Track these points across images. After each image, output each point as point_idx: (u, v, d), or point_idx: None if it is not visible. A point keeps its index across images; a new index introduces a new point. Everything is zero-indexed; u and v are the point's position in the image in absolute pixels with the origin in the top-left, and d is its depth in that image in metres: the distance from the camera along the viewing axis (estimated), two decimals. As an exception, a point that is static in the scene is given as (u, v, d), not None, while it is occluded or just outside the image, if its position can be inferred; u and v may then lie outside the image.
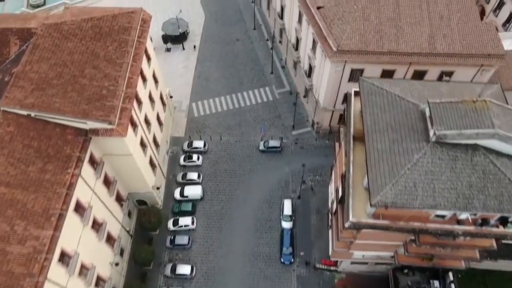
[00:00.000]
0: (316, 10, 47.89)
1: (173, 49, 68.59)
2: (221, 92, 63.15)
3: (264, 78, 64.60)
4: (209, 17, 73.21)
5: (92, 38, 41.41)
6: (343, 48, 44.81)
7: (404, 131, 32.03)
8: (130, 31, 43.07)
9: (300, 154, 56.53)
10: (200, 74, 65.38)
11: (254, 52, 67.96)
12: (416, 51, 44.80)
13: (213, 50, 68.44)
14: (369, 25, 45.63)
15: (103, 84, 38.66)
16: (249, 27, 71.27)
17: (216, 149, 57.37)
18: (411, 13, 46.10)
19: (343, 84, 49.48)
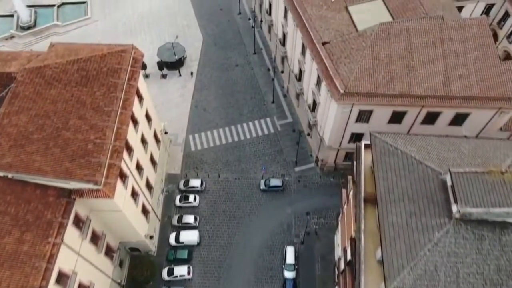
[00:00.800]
0: (322, 46, 44.52)
1: (169, 76, 65.13)
2: (220, 124, 59.72)
3: (265, 108, 61.19)
4: (207, 40, 69.74)
5: (78, 83, 37.98)
6: (351, 90, 41.42)
7: (423, 203, 28.64)
8: (120, 73, 39.63)
9: (303, 194, 53.16)
10: (198, 104, 61.97)
11: (255, 78, 64.52)
12: (430, 93, 41.42)
13: (211, 77, 65.00)
14: (379, 65, 42.25)
15: (89, 137, 35.23)
16: (249, 51, 67.81)
17: (214, 188, 53.97)
18: (424, 52, 42.72)
19: (350, 124, 46.14)
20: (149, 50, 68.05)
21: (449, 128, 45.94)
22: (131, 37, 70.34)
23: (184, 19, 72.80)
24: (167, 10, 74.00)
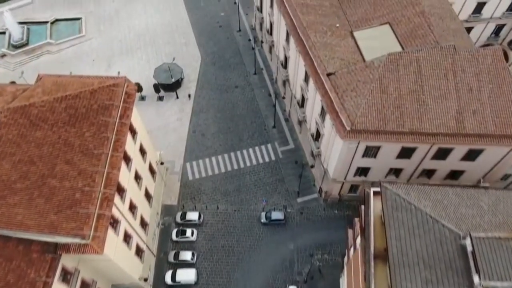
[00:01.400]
0: (326, 78, 41.98)
1: (166, 98, 62.54)
2: (218, 150, 57.17)
3: (266, 133, 58.62)
4: (206, 60, 67.15)
5: (65, 123, 35.41)
6: (358, 127, 38.84)
7: (441, 269, 26.09)
8: (111, 110, 37.04)
9: (306, 227, 50.58)
10: (195, 128, 59.39)
11: (255, 101, 61.94)
12: (442, 130, 38.84)
13: (210, 99, 62.43)
14: (387, 99, 39.69)
15: (77, 185, 32.67)
16: (249, 71, 65.21)
17: (213, 221, 51.41)
18: (435, 85, 40.16)
19: (356, 159, 43.62)
20: (145, 70, 65.78)
21: (462, 163, 43.53)
22: (127, 56, 67.90)
23: (182, 37, 70.21)
24: (165, 28, 71.44)
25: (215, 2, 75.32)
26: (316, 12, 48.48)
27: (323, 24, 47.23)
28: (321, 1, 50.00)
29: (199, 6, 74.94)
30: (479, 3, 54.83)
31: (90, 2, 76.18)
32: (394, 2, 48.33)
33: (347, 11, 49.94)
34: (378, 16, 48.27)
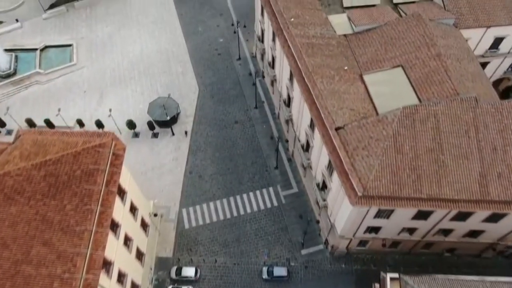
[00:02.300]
0: (335, 133, 38.21)
1: (161, 134, 58.69)
2: (217, 194, 53.39)
3: (268, 175, 54.83)
4: (204, 91, 63.32)
5: (44, 194, 31.69)
6: (370, 192, 35.08)
7: None
8: (97, 176, 33.33)
9: (311, 283, 46.86)
10: (192, 169, 55.62)
11: (256, 139, 58.13)
12: (464, 196, 34.99)
13: (208, 136, 58.61)
14: (403, 160, 35.89)
15: (55, 272, 28.96)
16: (249, 105, 61.38)
17: (210, 276, 47.63)
18: (455, 143, 36.37)
19: (367, 220, 39.92)
20: (139, 103, 62.03)
21: (483, 225, 39.81)
22: (120, 87, 64.09)
23: (179, 65, 66.38)
24: (160, 55, 67.61)
25: (213, 27, 71.45)
26: (322, 52, 44.69)
27: (330, 67, 43.43)
28: (328, 40, 46.25)
29: (197, 32, 71.09)
30: (497, 39, 50.97)
31: (82, 26, 72.35)
32: (407, 42, 44.56)
33: (356, 51, 46.18)
34: (389, 58, 44.47)
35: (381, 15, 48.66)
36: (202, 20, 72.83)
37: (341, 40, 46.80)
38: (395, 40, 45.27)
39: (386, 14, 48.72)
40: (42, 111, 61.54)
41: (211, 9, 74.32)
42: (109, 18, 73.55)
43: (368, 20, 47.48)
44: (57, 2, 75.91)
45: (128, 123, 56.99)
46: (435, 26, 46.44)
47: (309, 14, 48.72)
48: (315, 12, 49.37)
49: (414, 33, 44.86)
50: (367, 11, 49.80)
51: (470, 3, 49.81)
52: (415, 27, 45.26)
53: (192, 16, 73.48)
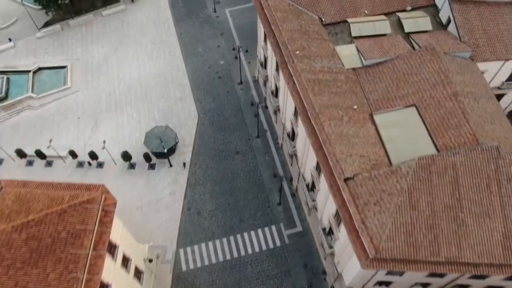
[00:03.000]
0: (344, 184, 35.25)
1: (158, 165, 55.76)
2: (216, 233, 50.43)
3: (270, 212, 51.87)
4: (203, 119, 60.35)
5: (25, 261, 28.79)
6: (383, 255, 32.13)
7: None
8: (84, 238, 30.44)
9: (316, 334, 44.15)
10: (191, 205, 52.66)
11: (258, 171, 55.15)
12: (486, 260, 32.03)
13: (207, 168, 55.64)
14: (418, 217, 32.87)
15: None
16: (251, 134, 58.43)
17: (209, 326, 45.00)
18: (476, 199, 33.36)
19: (378, 275, 36.96)
20: (135, 130, 59.14)
21: (502, 282, 36.86)
22: (116, 113, 61.18)
23: (177, 90, 63.43)
24: (158, 78, 64.68)
25: (214, 48, 68.49)
26: (330, 90, 41.68)
27: (339, 107, 40.41)
28: (336, 75, 43.27)
29: (197, 53, 68.14)
30: (515, 70, 48.19)
31: (78, 47, 69.50)
32: (420, 79, 41.56)
33: (365, 87, 43.19)
34: (402, 96, 41.45)
35: (392, 47, 45.64)
36: (202, 40, 69.90)
37: (349, 75, 43.81)
38: (407, 76, 42.27)
39: (398, 46, 45.70)
40: (33, 139, 58.75)
41: (212, 28, 71.37)
42: (106, 38, 70.70)
43: (379, 53, 44.45)
44: (51, 20, 73.21)
45: (123, 155, 54.09)
46: (450, 61, 43.41)
47: (315, 45, 45.73)
48: (322, 42, 46.41)
49: (428, 68, 41.86)
50: (377, 41, 46.85)
51: (487, 34, 46.80)
52: (429, 62, 42.24)
53: (192, 36, 70.55)
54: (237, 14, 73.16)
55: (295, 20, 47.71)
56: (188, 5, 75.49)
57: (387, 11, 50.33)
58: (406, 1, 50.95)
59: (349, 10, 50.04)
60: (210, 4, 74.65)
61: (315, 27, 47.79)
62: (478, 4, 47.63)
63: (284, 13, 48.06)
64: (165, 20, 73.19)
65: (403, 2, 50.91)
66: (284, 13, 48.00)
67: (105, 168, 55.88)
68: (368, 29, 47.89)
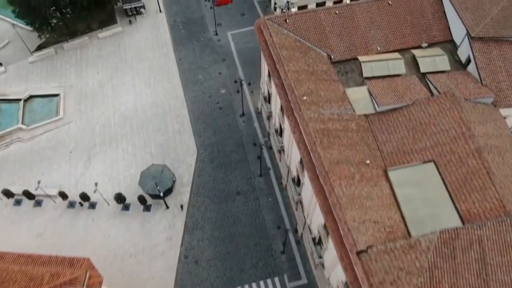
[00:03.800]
0: (356, 258, 31.68)
1: (154, 207, 52.22)
2: (215, 285, 46.63)
3: (273, 261, 48.26)
4: (203, 154, 56.79)
5: None
6: None
7: None
8: (64, 328, 27.19)
9: None
10: (188, 253, 49.10)
11: (260, 215, 51.56)
12: None
13: (206, 211, 52.04)
14: (441, 301, 29.49)
15: None
16: (253, 172, 54.80)
17: None
18: (506, 280, 29.63)
19: None
20: (130, 167, 55.72)
21: None
22: (110, 147, 57.67)
23: (176, 121, 59.87)
24: (156, 109, 61.14)
25: (215, 75, 64.94)
26: (340, 142, 38.08)
27: (350, 162, 36.78)
28: (346, 123, 39.67)
29: (197, 80, 64.59)
30: (540, 115, 44.51)
31: (72, 72, 65.95)
32: (439, 130, 37.92)
33: (378, 136, 39.59)
34: (419, 149, 37.84)
35: (407, 90, 42.00)
36: (202, 66, 66.35)
37: (361, 122, 40.21)
38: (425, 126, 38.64)
39: (414, 89, 42.08)
40: (23, 175, 55.40)
41: (213, 54, 67.81)
42: (101, 63, 67.21)
43: (393, 99, 40.82)
44: (45, 43, 69.74)
45: (116, 197, 50.66)
46: (471, 109, 39.76)
47: (324, 87, 42.15)
48: (331, 84, 42.83)
49: (448, 118, 38.22)
50: (391, 83, 43.23)
51: (511, 76, 43.29)
52: (448, 111, 38.61)
53: (192, 62, 67.02)
54: (239, 37, 69.59)
55: (302, 58, 44.18)
56: (188, 27, 71.96)
57: (401, 48, 46.90)
58: (421, 36, 47.43)
59: (360, 46, 46.54)
60: (211, 26, 71.08)
61: (324, 66, 44.29)
62: (501, 43, 44.12)
63: (290, 50, 44.50)
64: (164, 43, 69.65)
65: (418, 37, 47.42)
66: (290, 51, 44.43)
67: (98, 208, 52.41)
68: (381, 69, 44.31)
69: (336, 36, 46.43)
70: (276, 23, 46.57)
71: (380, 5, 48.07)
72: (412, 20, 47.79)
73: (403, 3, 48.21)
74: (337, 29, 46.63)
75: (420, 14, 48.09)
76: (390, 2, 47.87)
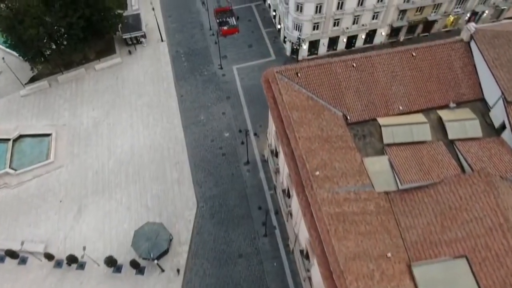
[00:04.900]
0: None
1: (148, 269, 47.37)
2: None
3: None
4: (203, 209, 51.91)
5: None
6: None
7: None
8: None
9: None
10: (184, 327, 44.85)
11: (264, 282, 46.58)
12: None
13: (205, 276, 47.11)
14: None
15: None
16: (258, 231, 49.88)
17: None
18: None
19: None
20: (124, 221, 51.33)
21: None
22: (103, 197, 53.15)
23: (175, 169, 55.18)
24: (154, 153, 56.52)
25: (218, 116, 60.22)
26: (357, 229, 33.13)
27: (369, 257, 31.85)
28: (364, 204, 34.68)
29: (198, 121, 59.92)
30: None
31: (65, 109, 61.66)
32: (472, 218, 32.85)
33: (401, 220, 34.60)
34: (448, 240, 32.77)
35: (434, 163, 36.89)
36: (205, 104, 61.69)
37: (381, 202, 35.21)
38: (455, 211, 33.61)
39: (442, 163, 36.92)
40: (8, 227, 51.16)
41: (217, 90, 63.15)
42: (97, 98, 62.83)
43: (418, 175, 35.81)
44: (38, 75, 65.56)
45: (107, 261, 46.13)
46: (509, 190, 34.64)
47: (339, 157, 37.23)
48: (347, 153, 37.86)
49: (482, 204, 33.12)
50: (415, 153, 38.21)
51: (552, 148, 38.22)
52: (482, 194, 33.51)
53: (194, 99, 62.38)
54: (245, 72, 64.87)
55: (315, 120, 39.32)
56: (192, 59, 67.38)
57: (426, 107, 41.97)
58: (448, 94, 42.41)
59: (380, 105, 41.61)
60: (216, 58, 66.46)
61: (339, 129, 39.38)
62: (541, 109, 39.07)
63: (302, 111, 39.64)
64: (165, 77, 65.10)
65: (445, 95, 42.40)
66: (301, 112, 39.58)
67: (87, 269, 47.83)
68: (403, 134, 39.27)
69: (353, 93, 41.62)
70: (286, 77, 41.81)
71: (403, 56, 43.30)
72: (438, 75, 42.93)
73: (428, 55, 43.41)
74: (355, 85, 41.88)
75: (448, 67, 43.21)
76: (414, 54, 43.12)
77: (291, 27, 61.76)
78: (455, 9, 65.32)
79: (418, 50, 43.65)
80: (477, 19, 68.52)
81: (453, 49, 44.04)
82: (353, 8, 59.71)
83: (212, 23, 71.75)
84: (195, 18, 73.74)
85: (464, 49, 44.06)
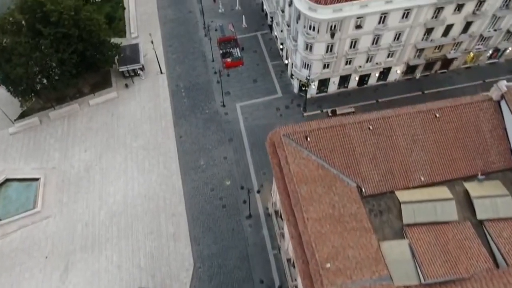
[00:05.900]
0: None
1: None
2: None
3: None
4: (200, 270, 46.97)
5: None
6: None
7: None
8: None
9: None
10: None
11: None
12: None
13: None
14: None
15: None
16: (259, 296, 45.97)
17: None
18: None
19: None
20: (114, 283, 47.18)
21: None
22: (92, 254, 48.82)
23: (170, 223, 50.76)
24: (148, 204, 52.15)
25: (220, 161, 55.75)
26: (374, 337, 28.95)
27: None
28: None
29: (198, 166, 55.50)
30: None
31: (56, 150, 57.46)
32: None
33: (424, 323, 30.27)
34: None
35: (462, 252, 32.37)
36: (205, 147, 57.28)
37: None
38: None
39: (470, 250, 32.43)
40: (-12, 286, 47.43)
41: (219, 131, 58.71)
42: (90, 137, 58.60)
43: (444, 268, 31.28)
44: (29, 110, 61.53)
45: (92, 335, 42.21)
46: (549, 291, 30.26)
47: (352, 242, 32.76)
48: (362, 236, 33.33)
49: (520, 309, 28.85)
50: (439, 238, 33.62)
51: None
52: (520, 297, 29.23)
53: (194, 141, 57.97)
54: (249, 111, 60.39)
55: (325, 195, 34.86)
56: (193, 95, 63.03)
57: (451, 178, 37.38)
58: (476, 162, 37.81)
59: (399, 175, 37.07)
60: (218, 95, 62.06)
61: (353, 205, 34.85)
62: None
63: (311, 184, 35.20)
64: (163, 115, 60.78)
65: (472, 163, 37.81)
66: (311, 185, 35.14)
67: None
68: (426, 213, 34.68)
69: (369, 160, 37.13)
70: (294, 141, 37.42)
71: (425, 118, 38.76)
72: (464, 139, 38.36)
73: (453, 115, 38.91)
74: (371, 150, 37.39)
75: (475, 131, 38.65)
76: (437, 115, 38.60)
77: (300, 65, 57.26)
78: (477, 46, 60.57)
79: (442, 110, 39.09)
80: (499, 55, 63.80)
81: (481, 109, 39.47)
82: (367, 47, 55.11)
83: (215, 54, 67.36)
84: (197, 48, 69.35)
85: (493, 110, 39.44)
